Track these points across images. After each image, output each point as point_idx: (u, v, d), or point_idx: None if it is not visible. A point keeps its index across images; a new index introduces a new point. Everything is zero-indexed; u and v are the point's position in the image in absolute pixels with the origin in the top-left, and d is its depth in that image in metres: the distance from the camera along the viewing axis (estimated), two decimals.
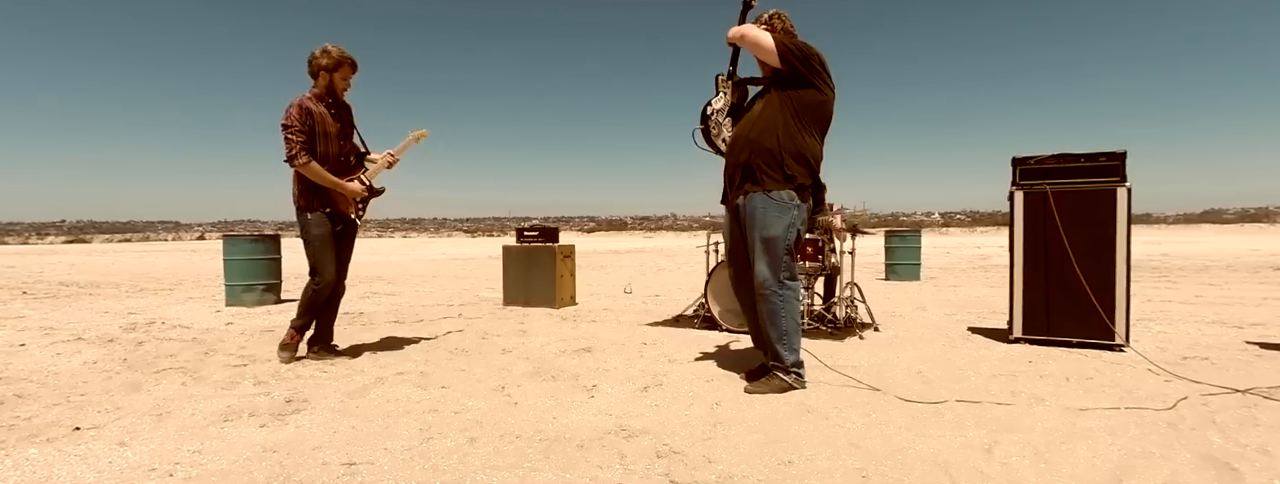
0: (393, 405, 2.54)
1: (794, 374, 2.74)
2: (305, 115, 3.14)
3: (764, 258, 2.72)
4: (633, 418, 2.36)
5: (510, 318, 5.11)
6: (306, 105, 3.16)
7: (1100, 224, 3.59)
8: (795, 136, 2.73)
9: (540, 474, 1.83)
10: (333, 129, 3.24)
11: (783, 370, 2.74)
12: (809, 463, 1.90)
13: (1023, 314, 3.81)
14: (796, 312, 2.79)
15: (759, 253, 2.73)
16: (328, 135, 3.22)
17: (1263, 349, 3.60)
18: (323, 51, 3.21)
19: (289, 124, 3.10)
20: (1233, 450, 1.98)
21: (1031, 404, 2.51)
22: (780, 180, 2.70)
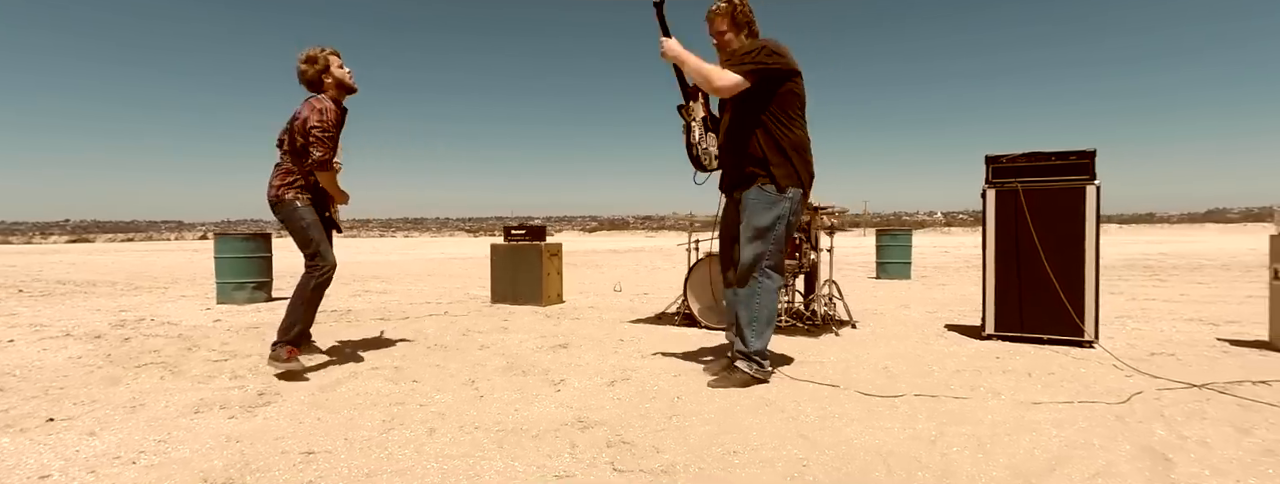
0: (361, 398, 2.60)
1: (756, 363, 2.76)
2: (340, 119, 3.11)
3: (750, 246, 2.77)
4: (593, 411, 2.41)
5: (495, 315, 5.17)
6: (338, 109, 3.11)
7: (1070, 222, 3.63)
8: (774, 131, 2.76)
9: (490, 462, 1.88)
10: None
11: (745, 359, 2.77)
12: (753, 453, 1.94)
13: (995, 311, 3.85)
14: (772, 302, 2.82)
15: (746, 241, 2.79)
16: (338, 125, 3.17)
17: (1231, 346, 3.63)
18: (307, 60, 3.08)
19: (327, 127, 3.01)
20: (1173, 442, 2.02)
21: (987, 398, 2.55)
22: (769, 177, 2.75)
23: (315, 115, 3.01)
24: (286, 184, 3.12)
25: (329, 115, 3.03)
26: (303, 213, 3.09)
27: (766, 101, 2.75)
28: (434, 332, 4.33)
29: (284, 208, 3.11)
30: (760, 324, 2.79)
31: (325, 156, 3.02)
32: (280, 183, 3.13)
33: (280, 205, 3.12)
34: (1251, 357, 3.32)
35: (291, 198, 3.10)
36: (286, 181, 3.11)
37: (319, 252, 3.11)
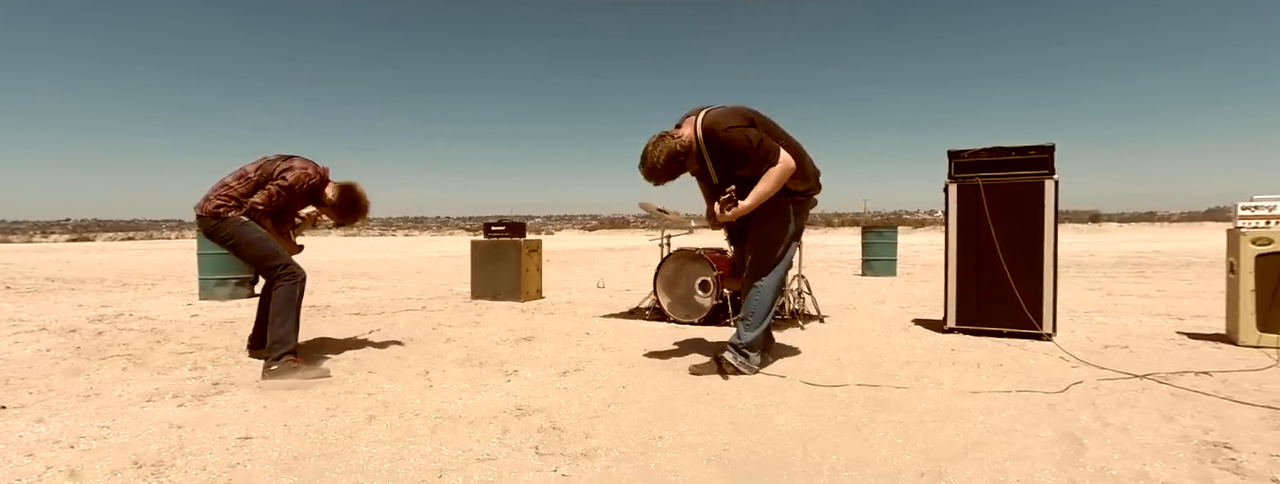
0: (313, 388, 2.65)
1: (741, 355, 2.82)
2: (308, 193, 3.10)
3: (764, 250, 2.87)
4: (536, 399, 2.45)
5: (470, 311, 5.21)
6: (316, 184, 3.11)
7: (1029, 216, 3.66)
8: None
9: (419, 446, 1.92)
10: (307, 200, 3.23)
11: (733, 350, 2.84)
12: (679, 438, 1.99)
13: (956, 305, 3.89)
14: (771, 300, 2.88)
15: (760, 247, 2.87)
16: (303, 202, 3.21)
17: (1188, 339, 3.66)
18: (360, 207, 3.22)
19: (293, 188, 3.01)
20: (1094, 428, 2.06)
21: (928, 387, 2.59)
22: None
23: (298, 174, 3.02)
24: (227, 205, 2.96)
25: (305, 184, 3.04)
26: (251, 228, 2.97)
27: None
28: (405, 326, 4.37)
29: (228, 225, 2.94)
30: (756, 318, 2.85)
31: (260, 208, 2.97)
32: (221, 201, 2.96)
33: (223, 223, 2.94)
34: (1205, 349, 3.35)
35: (235, 215, 2.95)
36: (226, 203, 2.97)
37: (274, 258, 3.01)
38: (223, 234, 2.98)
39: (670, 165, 2.74)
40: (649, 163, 2.74)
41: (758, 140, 2.70)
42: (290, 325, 2.95)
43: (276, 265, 3.02)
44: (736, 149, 2.71)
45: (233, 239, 2.98)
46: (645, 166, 2.76)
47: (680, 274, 4.52)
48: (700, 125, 2.79)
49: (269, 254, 3.01)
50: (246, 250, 3.00)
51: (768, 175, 2.70)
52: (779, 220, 2.87)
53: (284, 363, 2.84)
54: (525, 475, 1.69)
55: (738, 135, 2.70)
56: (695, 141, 2.80)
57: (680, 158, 2.74)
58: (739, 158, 2.73)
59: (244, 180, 3.03)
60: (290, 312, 2.97)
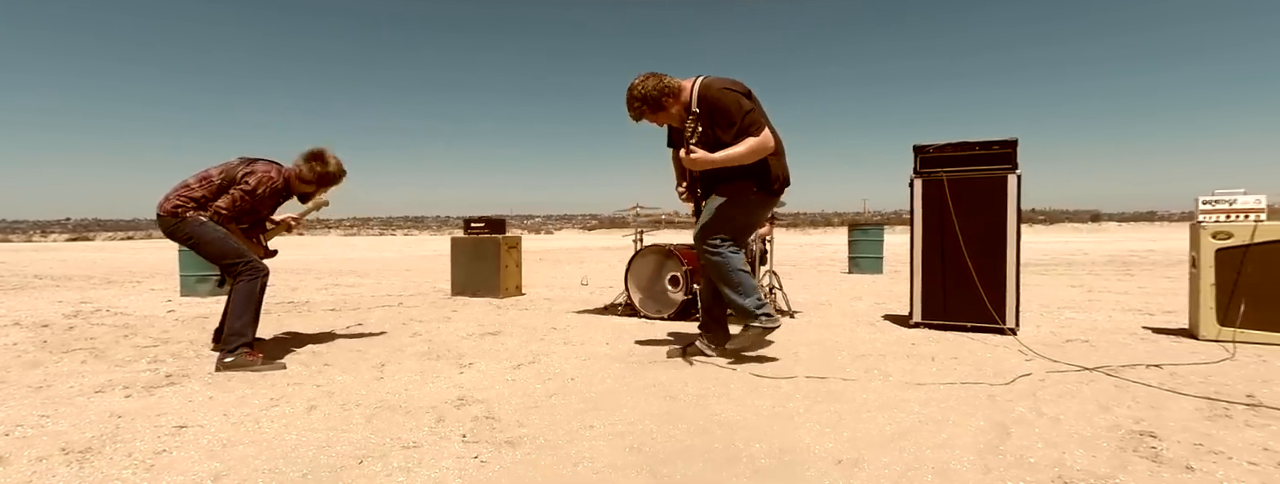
0: (263, 379, 2.66)
1: (762, 316, 2.84)
2: (272, 196, 3.12)
3: (712, 223, 2.87)
4: (481, 390, 2.46)
5: (446, 307, 5.23)
6: (279, 186, 3.13)
7: (992, 211, 3.66)
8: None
9: (350, 434, 1.93)
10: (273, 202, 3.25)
11: (752, 318, 2.85)
12: (610, 427, 2.00)
13: (922, 300, 3.89)
14: (739, 262, 2.89)
15: (708, 218, 2.88)
16: (269, 205, 3.21)
17: (1152, 333, 3.66)
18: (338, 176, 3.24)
19: (255, 193, 3.03)
20: (1027, 418, 2.06)
21: (875, 379, 2.60)
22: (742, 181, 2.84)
23: (259, 177, 3.03)
24: (186, 205, 2.98)
25: (268, 187, 3.06)
26: (210, 227, 2.98)
27: None
28: (375, 321, 4.39)
29: (187, 225, 2.96)
30: (743, 285, 2.87)
31: (224, 212, 2.98)
32: (180, 202, 2.98)
33: (182, 224, 2.96)
34: (1165, 343, 3.36)
35: (193, 215, 2.97)
36: (185, 203, 2.98)
37: (247, 256, 3.04)
38: (182, 233, 3.00)
39: (655, 97, 2.76)
40: (636, 90, 2.77)
41: (748, 109, 2.73)
42: (247, 319, 2.96)
43: (237, 262, 3.03)
44: (726, 109, 2.73)
45: (193, 238, 3.00)
46: (631, 93, 2.79)
47: (651, 270, 4.53)
48: (698, 83, 2.82)
49: (229, 251, 3.03)
50: (207, 249, 3.03)
51: (744, 142, 2.72)
52: (736, 202, 2.87)
53: (238, 355, 2.85)
54: (444, 461, 1.71)
55: (730, 98, 2.74)
56: (688, 95, 2.82)
57: (667, 93, 2.77)
58: (725, 120, 2.74)
59: (206, 183, 3.05)
60: (249, 306, 2.98)
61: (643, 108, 2.80)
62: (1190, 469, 1.62)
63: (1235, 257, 3.34)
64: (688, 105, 2.81)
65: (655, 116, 2.86)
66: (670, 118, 2.88)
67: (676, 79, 2.84)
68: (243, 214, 3.11)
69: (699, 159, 2.73)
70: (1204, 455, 1.72)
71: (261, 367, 2.83)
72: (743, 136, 2.72)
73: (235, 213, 3.05)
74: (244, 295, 2.99)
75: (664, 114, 2.84)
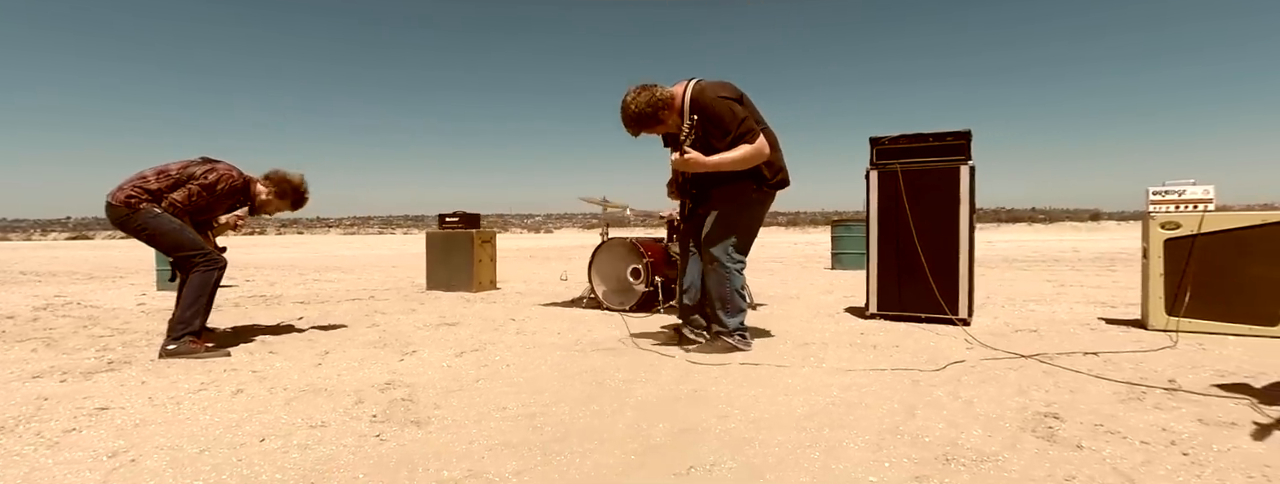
0: (201, 366, 2.69)
1: (738, 336, 2.92)
2: (230, 194, 3.13)
3: (716, 232, 2.91)
4: (412, 376, 2.48)
5: (414, 300, 5.25)
6: (238, 185, 3.15)
7: (945, 202, 3.68)
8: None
9: (264, 415, 1.96)
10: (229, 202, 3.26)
11: (727, 334, 2.92)
12: (522, 409, 2.02)
13: (877, 291, 3.91)
14: (739, 283, 2.94)
15: (712, 228, 2.91)
16: (225, 204, 3.23)
17: (1105, 324, 3.67)
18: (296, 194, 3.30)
19: (211, 190, 3.04)
20: (941, 400, 2.08)
21: (808, 366, 2.61)
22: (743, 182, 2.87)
23: (219, 175, 3.06)
24: (140, 197, 2.96)
25: (227, 185, 3.07)
26: (164, 218, 2.96)
27: None
28: (339, 313, 4.41)
29: (140, 216, 2.94)
30: (729, 304, 2.92)
31: (179, 204, 2.98)
32: (133, 193, 2.95)
33: (135, 215, 2.94)
34: (1112, 332, 3.37)
35: (147, 207, 2.95)
36: (139, 195, 2.96)
37: (203, 248, 3.05)
38: (135, 224, 2.99)
39: (650, 113, 2.77)
40: (630, 109, 2.78)
41: (742, 116, 2.75)
42: (197, 309, 2.98)
43: (193, 254, 3.04)
44: (719, 117, 2.74)
45: (147, 230, 2.99)
46: (626, 113, 2.80)
47: (613, 263, 4.55)
48: (690, 88, 2.83)
49: (185, 242, 3.03)
50: (162, 240, 3.02)
51: (739, 148, 2.75)
52: (738, 206, 2.91)
53: (182, 343, 2.88)
54: (345, 439, 1.73)
55: (723, 106, 2.75)
56: (681, 101, 2.84)
57: (662, 106, 2.78)
58: (719, 129, 2.76)
59: (163, 176, 3.05)
60: (200, 297, 2.99)
61: (635, 126, 2.83)
62: (1079, 447, 1.64)
63: (1183, 247, 3.35)
64: (681, 111, 2.83)
65: (654, 129, 2.88)
66: (668, 128, 2.90)
67: (667, 88, 2.84)
68: (198, 210, 3.12)
69: (692, 161, 2.76)
70: (1100, 435, 1.73)
71: (204, 354, 2.86)
72: (738, 144, 2.74)
73: (190, 207, 3.05)
74: (197, 286, 3.01)
75: (662, 126, 2.86)
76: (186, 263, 3.04)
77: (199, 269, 3.02)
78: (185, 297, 2.98)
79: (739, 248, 2.94)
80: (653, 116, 2.78)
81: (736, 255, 2.93)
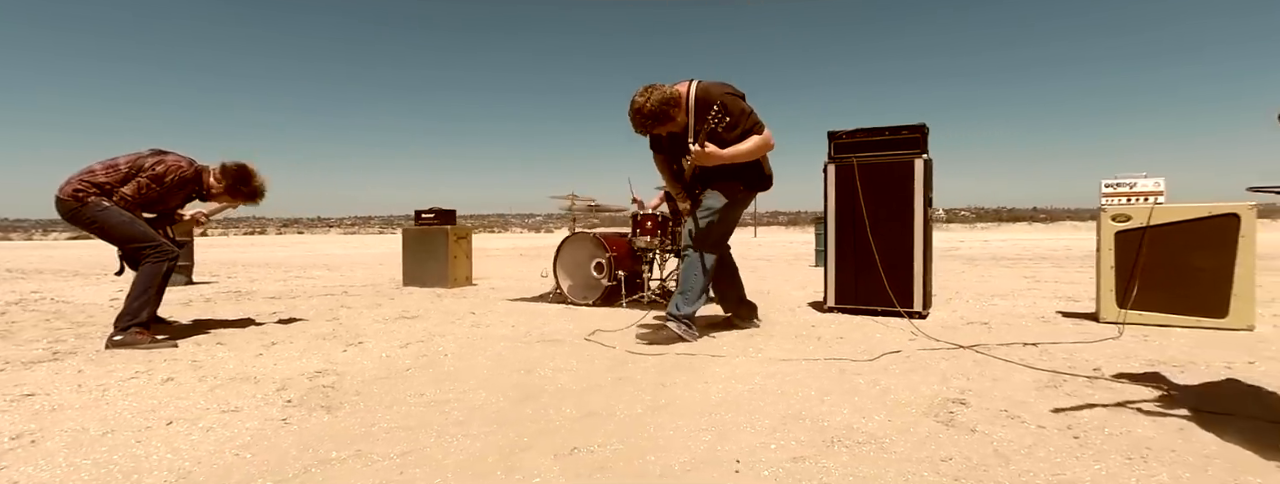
0: (144, 356, 2.71)
1: (683, 325, 2.98)
2: (180, 185, 3.14)
3: (707, 225, 3.02)
4: (346, 365, 2.51)
5: (385, 295, 5.28)
6: (189, 176, 3.16)
7: (901, 196, 3.68)
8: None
9: (183, 401, 1.98)
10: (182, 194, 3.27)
11: (675, 320, 2.99)
12: (438, 395, 2.03)
13: (835, 285, 3.91)
14: (703, 273, 3.03)
15: (698, 218, 3.04)
16: (177, 196, 3.23)
17: (1062, 317, 3.68)
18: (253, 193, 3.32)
19: (161, 181, 3.05)
20: (859, 387, 2.09)
21: (743, 356, 2.63)
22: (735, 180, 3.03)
23: (168, 166, 3.07)
24: (87, 191, 2.98)
25: (176, 176, 3.09)
26: (113, 212, 2.98)
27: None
28: (305, 308, 4.44)
29: (88, 210, 2.96)
30: (691, 293, 3.02)
31: (129, 198, 3.00)
32: (81, 187, 2.97)
33: (83, 209, 2.96)
34: (1063, 325, 3.37)
35: (95, 200, 2.97)
36: (86, 189, 2.98)
37: (154, 239, 3.06)
38: (85, 218, 3.00)
39: (664, 111, 2.84)
40: (646, 108, 2.84)
41: (749, 110, 2.91)
42: (145, 301, 3.00)
43: (144, 245, 3.05)
44: (729, 111, 2.83)
45: (96, 223, 3.00)
46: (636, 110, 2.86)
47: (578, 257, 4.57)
48: (694, 87, 2.93)
49: (136, 235, 3.05)
50: (113, 233, 3.03)
51: (751, 139, 2.88)
52: (732, 203, 3.04)
53: (129, 334, 2.90)
54: (250, 423, 1.75)
55: (732, 101, 2.86)
56: (687, 100, 2.93)
57: (673, 105, 2.86)
58: (729, 121, 2.85)
59: (112, 170, 3.06)
60: (149, 288, 3.02)
61: (650, 123, 2.88)
62: (973, 431, 1.65)
63: (1134, 239, 3.35)
64: (686, 109, 2.94)
65: (663, 127, 2.94)
66: (676, 126, 2.97)
67: (671, 86, 2.93)
68: (150, 203, 3.15)
69: (712, 154, 2.85)
70: (999, 419, 1.74)
71: (151, 345, 2.88)
72: (748, 135, 2.88)
73: (141, 200, 3.08)
74: (147, 276, 3.03)
75: (671, 123, 2.92)
76: (137, 254, 3.06)
77: (149, 260, 3.04)
78: (134, 288, 3.00)
79: (720, 240, 3.09)
80: (665, 114, 2.86)
81: (718, 246, 3.07)
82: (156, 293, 3.04)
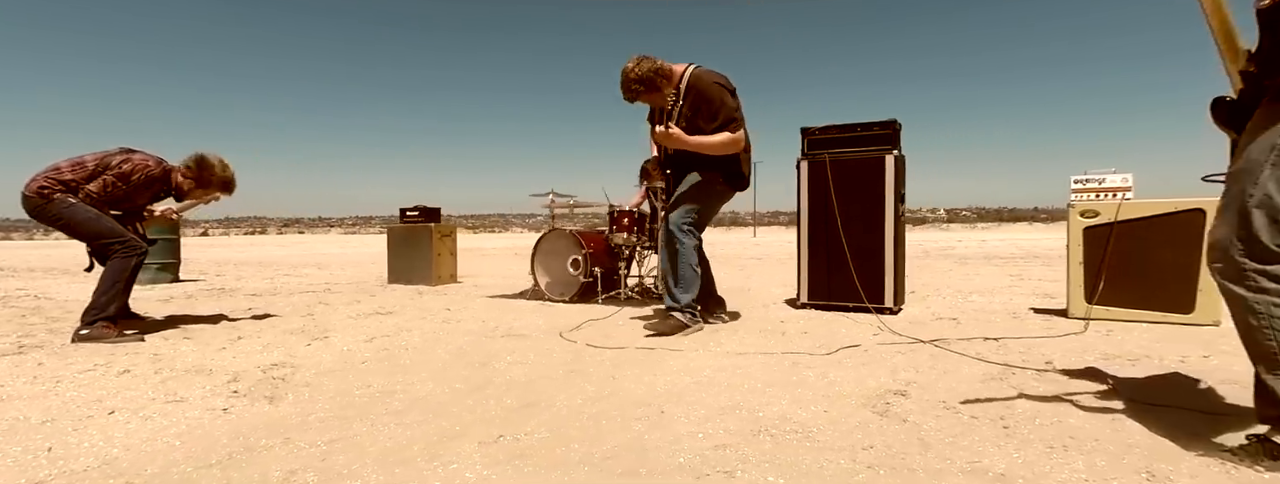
0: (109, 349, 2.73)
1: (687, 313, 3.06)
2: (147, 183, 3.16)
3: (682, 206, 3.09)
4: (304, 358, 2.52)
5: (366, 293, 5.30)
6: (155, 175, 3.18)
7: (872, 192, 3.69)
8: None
9: (129, 393, 2.00)
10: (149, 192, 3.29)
11: (677, 310, 3.06)
12: (385, 387, 2.05)
13: (808, 282, 3.92)
14: (693, 261, 3.08)
15: (678, 203, 3.10)
16: (144, 194, 3.26)
17: (1033, 313, 3.68)
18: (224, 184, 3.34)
19: (129, 179, 3.08)
20: (806, 380, 2.10)
21: (701, 349, 2.64)
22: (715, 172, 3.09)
23: (134, 165, 3.10)
24: (53, 187, 3.00)
25: (143, 174, 3.11)
26: (80, 208, 3.01)
27: None
28: (283, 304, 4.46)
29: (54, 206, 2.99)
30: (686, 282, 3.08)
31: (95, 195, 3.02)
32: (46, 184, 3.00)
33: (49, 205, 2.98)
34: (1032, 321, 3.37)
35: (61, 197, 2.99)
36: (52, 185, 3.00)
37: (122, 235, 3.09)
38: (51, 214, 3.02)
39: (651, 79, 2.93)
40: (634, 73, 2.92)
41: (733, 107, 2.95)
42: (112, 295, 3.02)
43: (112, 240, 3.08)
44: (711, 101, 2.93)
45: (62, 219, 3.03)
46: (628, 76, 2.94)
47: (555, 254, 4.58)
48: (690, 71, 3.03)
49: (103, 231, 3.07)
50: (79, 229, 3.06)
51: (721, 134, 2.94)
52: (707, 190, 3.10)
53: (95, 328, 2.92)
54: (190, 412, 1.76)
55: (718, 92, 2.94)
56: (679, 80, 3.02)
57: (662, 76, 2.95)
58: (708, 112, 2.94)
59: (79, 167, 3.09)
60: (116, 283, 3.04)
61: (639, 89, 2.96)
62: (904, 421, 1.66)
63: (1102, 235, 3.35)
64: (678, 89, 3.02)
65: (650, 97, 3.02)
66: (663, 99, 3.04)
67: (669, 63, 3.03)
68: (116, 200, 3.16)
69: (675, 136, 2.92)
70: (933, 410, 1.75)
71: (117, 339, 2.90)
72: (722, 129, 2.93)
73: (107, 198, 3.10)
74: (114, 271, 3.06)
75: (658, 95, 3.01)
76: (105, 250, 3.09)
77: (117, 256, 3.06)
78: (101, 282, 3.03)
79: (697, 224, 3.11)
80: (653, 83, 2.94)
81: (693, 230, 3.09)
82: (124, 288, 3.06)
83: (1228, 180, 1.40)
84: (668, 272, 3.12)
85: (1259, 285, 1.32)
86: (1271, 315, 1.31)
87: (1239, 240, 1.33)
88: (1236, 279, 1.35)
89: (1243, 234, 1.33)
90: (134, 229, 3.36)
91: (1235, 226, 1.34)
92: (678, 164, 3.18)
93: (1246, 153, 1.34)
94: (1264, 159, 1.31)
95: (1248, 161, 1.33)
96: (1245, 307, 1.34)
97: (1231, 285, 1.36)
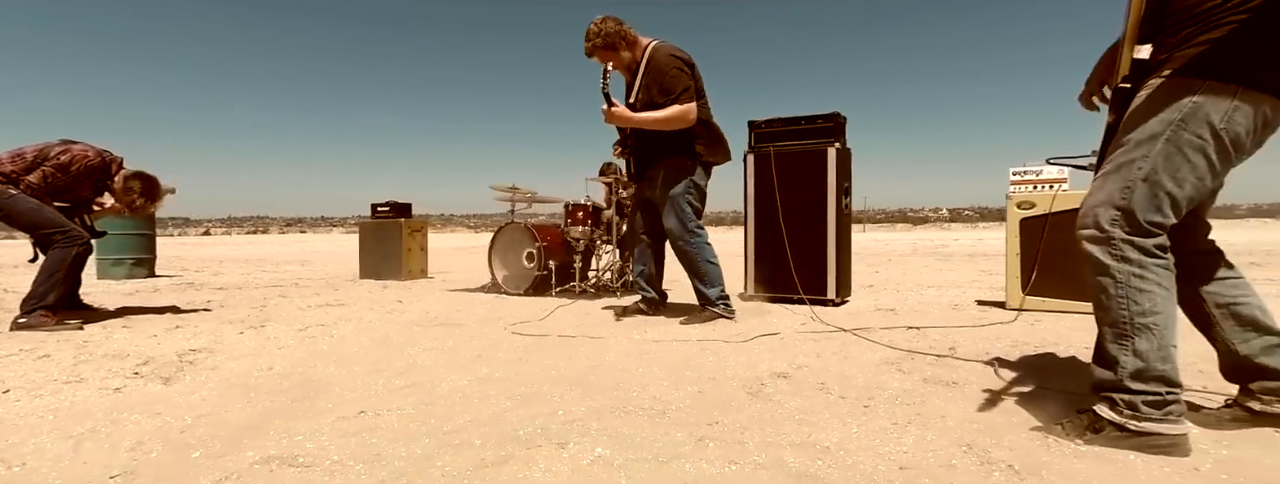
0: (43, 337, 2.78)
1: (721, 305, 3.12)
2: (87, 173, 3.21)
3: (671, 212, 3.11)
4: (227, 346, 2.57)
5: (331, 287, 5.35)
6: (95, 166, 3.23)
7: (815, 185, 3.72)
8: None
9: (41, 374, 2.04)
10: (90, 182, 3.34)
11: (710, 303, 3.13)
12: (287, 369, 2.10)
13: (754, 273, 3.96)
14: (709, 254, 3.16)
15: (667, 210, 3.13)
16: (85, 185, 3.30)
17: (976, 305, 3.71)
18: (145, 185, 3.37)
19: (68, 171, 3.13)
20: (702, 363, 2.14)
21: (619, 337, 2.68)
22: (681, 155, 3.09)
23: (73, 156, 3.14)
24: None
25: (82, 166, 3.15)
26: (21, 199, 3.05)
27: None
28: (242, 298, 4.52)
29: None
30: (709, 276, 3.15)
31: (35, 186, 3.07)
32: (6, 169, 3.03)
33: None
34: (968, 312, 3.40)
35: (2, 188, 3.02)
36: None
37: (64, 226, 3.13)
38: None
39: (606, 40, 3.00)
40: (594, 28, 3.00)
41: (685, 85, 2.96)
42: (51, 284, 3.07)
43: (53, 231, 3.13)
44: (664, 75, 2.97)
45: (2, 211, 3.07)
46: (591, 30, 3.01)
47: (512, 248, 4.63)
48: (651, 47, 3.07)
49: (44, 221, 3.11)
50: (19, 220, 3.10)
51: (667, 108, 2.95)
52: (680, 178, 3.08)
53: (33, 316, 2.98)
54: (85, 392, 1.81)
55: (673, 70, 2.97)
56: (641, 52, 3.08)
57: (624, 39, 3.03)
58: (661, 88, 2.98)
59: (18, 159, 3.13)
60: (56, 272, 3.09)
61: (597, 43, 3.02)
62: (769, 400, 1.69)
63: (1037, 226, 3.38)
64: (637, 62, 3.08)
65: (605, 55, 3.05)
66: (619, 61, 3.07)
67: (636, 33, 3.08)
68: (57, 191, 3.21)
69: (618, 113, 2.98)
70: (806, 392, 1.78)
71: (55, 327, 2.95)
72: (671, 103, 2.96)
73: (47, 189, 3.15)
74: (55, 261, 3.11)
75: (614, 56, 3.05)
76: (47, 240, 3.14)
77: (58, 246, 3.12)
78: (41, 272, 3.08)
79: (692, 218, 3.13)
80: (610, 45, 3.00)
81: (693, 229, 3.13)
82: (64, 277, 3.11)
83: (1113, 150, 1.37)
84: (691, 275, 3.18)
85: (1123, 255, 1.31)
86: (1130, 286, 1.31)
87: (1116, 208, 1.32)
88: (1103, 245, 1.34)
89: (1121, 204, 1.31)
90: (81, 221, 3.42)
91: (1115, 195, 1.33)
92: (646, 149, 3.17)
93: (1142, 126, 1.32)
94: (1161, 132, 1.29)
95: (1142, 132, 1.31)
96: (1107, 274, 1.33)
97: (1097, 251, 1.35)
